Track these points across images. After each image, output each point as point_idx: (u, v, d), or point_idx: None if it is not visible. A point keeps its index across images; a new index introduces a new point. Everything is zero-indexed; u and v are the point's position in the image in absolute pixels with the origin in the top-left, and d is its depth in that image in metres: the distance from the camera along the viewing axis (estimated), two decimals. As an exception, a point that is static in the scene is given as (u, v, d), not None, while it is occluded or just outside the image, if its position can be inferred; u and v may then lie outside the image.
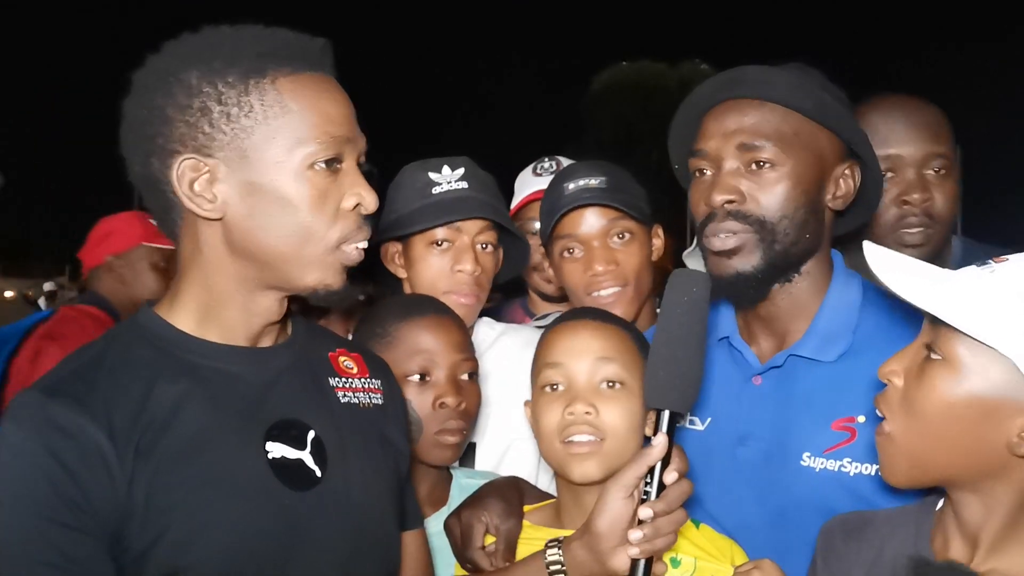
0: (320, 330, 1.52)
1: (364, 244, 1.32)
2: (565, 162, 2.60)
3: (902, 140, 2.01)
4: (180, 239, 1.31)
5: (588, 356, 1.57)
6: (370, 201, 1.29)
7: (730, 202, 1.55)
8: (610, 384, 1.55)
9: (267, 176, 1.24)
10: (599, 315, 1.67)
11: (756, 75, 1.60)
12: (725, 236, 1.57)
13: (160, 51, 1.29)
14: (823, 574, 1.40)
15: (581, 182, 2.06)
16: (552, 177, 2.22)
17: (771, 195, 1.55)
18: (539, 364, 1.63)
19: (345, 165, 1.29)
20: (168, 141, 1.24)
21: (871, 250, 1.27)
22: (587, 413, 1.53)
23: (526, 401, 1.67)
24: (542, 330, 1.74)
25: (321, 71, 1.30)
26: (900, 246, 1.97)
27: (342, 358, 1.48)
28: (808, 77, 1.63)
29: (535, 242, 2.37)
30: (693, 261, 2.68)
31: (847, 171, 1.62)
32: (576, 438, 1.53)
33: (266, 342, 1.35)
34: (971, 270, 1.21)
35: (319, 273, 1.28)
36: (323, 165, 1.25)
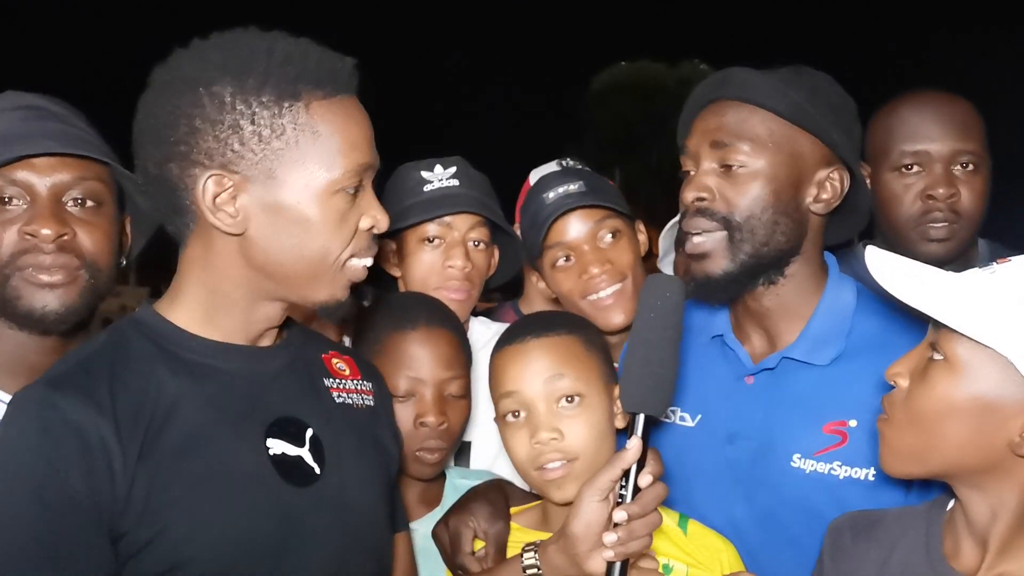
0: (312, 333, 1.53)
1: (370, 261, 1.33)
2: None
3: (931, 135, 2.00)
4: (188, 242, 1.30)
5: (539, 378, 1.54)
6: (383, 222, 1.30)
7: (700, 199, 1.57)
8: (569, 399, 1.53)
9: (292, 198, 1.23)
10: (541, 326, 1.62)
11: (738, 76, 1.61)
12: (698, 239, 1.59)
13: (186, 51, 1.26)
14: (831, 572, 1.39)
15: (560, 189, 2.09)
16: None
17: (740, 195, 1.56)
18: (495, 392, 1.61)
19: (364, 188, 1.30)
20: (192, 151, 1.22)
21: (871, 254, 1.27)
22: (553, 439, 1.52)
23: (495, 417, 1.63)
24: None
25: (349, 93, 1.29)
26: (924, 240, 1.98)
27: (335, 360, 1.48)
28: (799, 79, 1.61)
29: None
30: (667, 267, 2.69)
31: (832, 175, 1.61)
32: (549, 465, 1.52)
33: (264, 343, 1.36)
34: (973, 272, 1.22)
35: (329, 289, 1.29)
36: (346, 191, 1.26)
